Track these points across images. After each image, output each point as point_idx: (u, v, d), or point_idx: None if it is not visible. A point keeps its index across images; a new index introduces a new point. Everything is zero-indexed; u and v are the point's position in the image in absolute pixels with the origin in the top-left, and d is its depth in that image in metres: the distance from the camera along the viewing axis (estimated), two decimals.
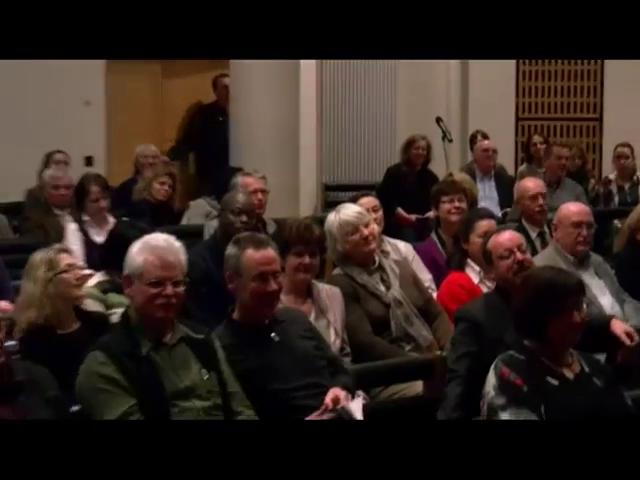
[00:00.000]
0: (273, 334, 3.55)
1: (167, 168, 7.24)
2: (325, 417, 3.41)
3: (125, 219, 6.04)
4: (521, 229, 5.10)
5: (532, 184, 5.89)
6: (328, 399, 3.46)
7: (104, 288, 4.40)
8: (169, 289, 3.15)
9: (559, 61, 10.17)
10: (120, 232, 4.69)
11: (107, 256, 4.51)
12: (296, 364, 3.54)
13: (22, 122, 8.32)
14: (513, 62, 10.05)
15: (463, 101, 9.91)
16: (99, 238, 5.62)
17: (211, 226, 5.60)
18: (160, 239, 3.28)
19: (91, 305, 4.18)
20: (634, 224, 5.21)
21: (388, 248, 5.01)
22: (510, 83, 10.17)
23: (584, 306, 3.38)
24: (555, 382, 3.30)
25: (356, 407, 3.49)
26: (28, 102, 8.34)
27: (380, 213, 5.16)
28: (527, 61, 10.17)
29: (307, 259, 4.10)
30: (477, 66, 9.73)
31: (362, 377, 3.87)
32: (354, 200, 5.05)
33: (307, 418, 3.40)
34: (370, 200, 5.18)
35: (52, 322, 3.82)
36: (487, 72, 9.66)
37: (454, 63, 9.66)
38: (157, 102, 9.28)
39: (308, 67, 8.22)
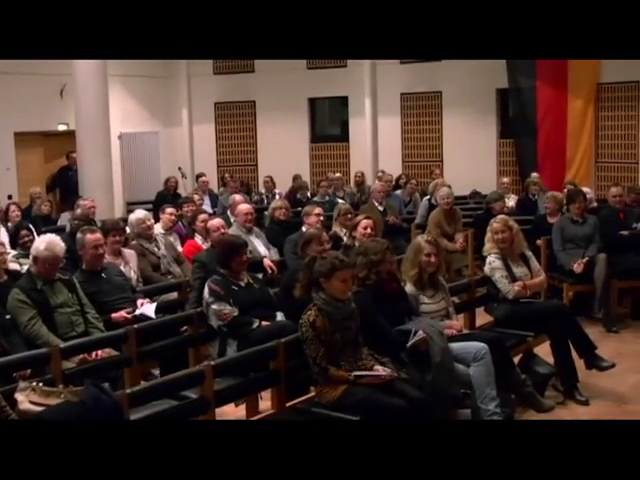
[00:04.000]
0: (103, 274, 6.45)
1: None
2: (132, 313, 6.06)
3: None
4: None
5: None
6: (139, 302, 6.33)
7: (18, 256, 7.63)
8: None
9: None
10: None
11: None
12: (115, 288, 6.38)
13: None
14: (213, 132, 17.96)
15: (191, 157, 17.96)
16: None
17: (68, 224, 9.20)
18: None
19: (12, 265, 7.24)
20: (272, 211, 9.19)
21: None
22: (212, 148, 18.00)
23: (248, 252, 6.46)
24: (236, 288, 5.97)
25: (152, 307, 6.35)
26: None
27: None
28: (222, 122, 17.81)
29: (118, 237, 7.15)
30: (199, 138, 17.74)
31: (147, 292, 6.89)
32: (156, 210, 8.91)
33: (121, 313, 6.08)
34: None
35: None
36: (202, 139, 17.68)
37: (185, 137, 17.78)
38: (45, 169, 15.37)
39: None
